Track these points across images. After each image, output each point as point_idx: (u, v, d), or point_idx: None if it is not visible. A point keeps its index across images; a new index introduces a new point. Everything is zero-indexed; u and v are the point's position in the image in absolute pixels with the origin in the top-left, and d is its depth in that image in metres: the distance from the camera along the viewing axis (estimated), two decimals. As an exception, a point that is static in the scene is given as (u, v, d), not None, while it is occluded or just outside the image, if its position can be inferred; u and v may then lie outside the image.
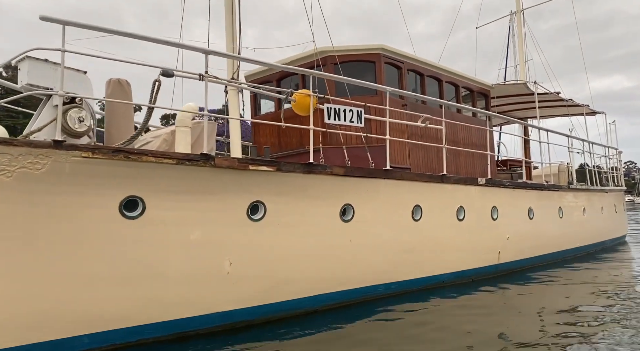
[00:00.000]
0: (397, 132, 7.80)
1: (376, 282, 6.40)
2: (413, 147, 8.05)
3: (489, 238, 8.13)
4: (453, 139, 9.06)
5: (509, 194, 8.67)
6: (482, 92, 10.30)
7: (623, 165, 17.56)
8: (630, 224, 21.45)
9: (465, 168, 9.19)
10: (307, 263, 5.62)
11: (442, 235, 7.28)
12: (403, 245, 6.70)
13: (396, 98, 7.92)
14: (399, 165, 7.71)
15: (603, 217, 12.73)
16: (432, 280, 7.16)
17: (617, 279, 8.12)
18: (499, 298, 7.05)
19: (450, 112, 9.11)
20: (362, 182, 6.17)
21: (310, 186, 5.62)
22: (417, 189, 6.93)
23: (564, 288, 7.79)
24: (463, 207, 7.65)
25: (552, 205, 10.02)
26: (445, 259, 7.35)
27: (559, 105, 12.78)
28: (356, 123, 5.99)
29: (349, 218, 6.03)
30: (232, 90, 6.87)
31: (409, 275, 6.81)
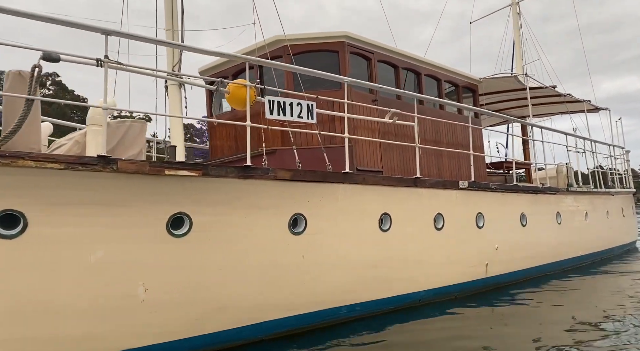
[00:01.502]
0: (367, 130, 6.94)
1: (337, 304, 5.51)
2: (387, 148, 7.17)
3: (474, 249, 7.21)
4: (435, 139, 8.17)
5: (497, 199, 7.75)
6: (469, 87, 9.41)
7: (639, 167, 16.41)
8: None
9: (450, 170, 8.29)
10: (247, 286, 4.76)
11: (417, 247, 6.39)
12: (369, 259, 5.81)
13: (364, 92, 7.07)
14: (369, 168, 6.84)
15: (609, 222, 11.72)
16: (405, 299, 6.25)
17: (622, 293, 7.17)
18: (485, 318, 6.13)
19: (430, 108, 8.24)
20: (315, 188, 5.30)
21: (250, 193, 4.77)
22: (385, 195, 6.05)
23: (561, 304, 6.85)
24: (442, 214, 6.74)
25: (549, 210, 9.07)
26: (421, 275, 6.44)
27: (556, 102, 11.83)
28: (306, 119, 5.13)
29: (300, 231, 5.16)
30: (173, 84, 6.06)
31: (377, 294, 5.91)
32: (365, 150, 6.84)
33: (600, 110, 13.16)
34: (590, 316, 6.07)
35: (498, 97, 11.80)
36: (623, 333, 5.15)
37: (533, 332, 5.38)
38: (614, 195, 12.42)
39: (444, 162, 8.23)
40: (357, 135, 6.64)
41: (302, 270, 5.16)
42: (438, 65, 8.53)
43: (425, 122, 7.97)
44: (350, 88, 6.73)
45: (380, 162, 7.05)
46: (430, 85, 8.57)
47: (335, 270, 5.46)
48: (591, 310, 6.32)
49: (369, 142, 6.89)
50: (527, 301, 7.06)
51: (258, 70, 6.90)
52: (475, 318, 6.22)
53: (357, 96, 6.82)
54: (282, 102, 4.93)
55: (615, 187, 13.33)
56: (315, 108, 5.22)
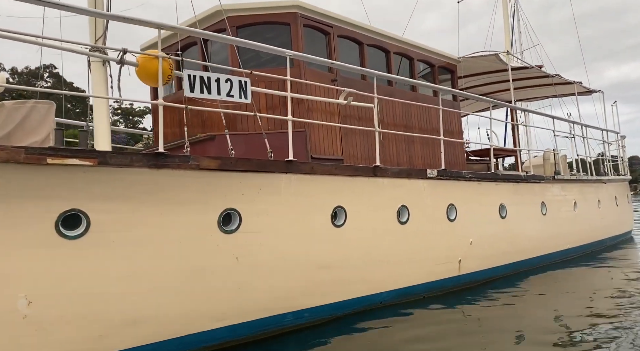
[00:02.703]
0: (325, 114, 6.22)
1: (280, 311, 4.85)
2: (348, 133, 6.45)
3: (444, 245, 6.55)
4: (405, 124, 7.45)
5: (472, 189, 7.06)
6: (446, 68, 8.66)
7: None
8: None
9: (423, 159, 7.58)
10: (165, 295, 4.09)
11: (377, 244, 5.71)
12: (319, 259, 5.14)
13: (322, 71, 6.33)
14: (327, 156, 6.14)
15: (600, 211, 11.04)
16: (363, 301, 5.59)
17: (609, 289, 6.53)
18: (455, 320, 5.51)
19: (401, 90, 7.50)
20: (252, 179, 4.60)
21: (165, 186, 4.07)
22: (339, 186, 5.35)
23: (543, 302, 6.21)
24: (407, 206, 6.06)
25: (533, 200, 8.39)
26: (382, 274, 5.77)
27: (544, 84, 11.06)
28: (237, 98, 4.42)
29: (233, 229, 4.48)
30: (96, 61, 5.32)
31: (330, 297, 5.25)
32: (322, 136, 6.13)
33: (593, 92, 12.39)
34: (575, 314, 5.46)
35: (483, 80, 11.03)
36: (611, 335, 4.55)
37: (509, 335, 4.79)
38: (606, 183, 11.74)
39: (416, 149, 7.52)
40: (312, 118, 5.92)
41: (236, 274, 4.49)
42: (410, 42, 7.77)
43: (395, 105, 7.25)
44: (303, 65, 6.01)
45: (340, 150, 6.34)
46: (402, 65, 7.82)
47: (277, 272, 4.79)
48: (576, 308, 5.70)
49: (327, 127, 6.18)
50: (505, 299, 6.41)
51: (201, 46, 6.16)
52: (444, 320, 5.58)
53: (313, 75, 6.08)
54: (207, 78, 4.21)
55: (608, 174, 12.65)
56: (249, 86, 4.50)
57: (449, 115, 8.34)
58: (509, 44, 13.87)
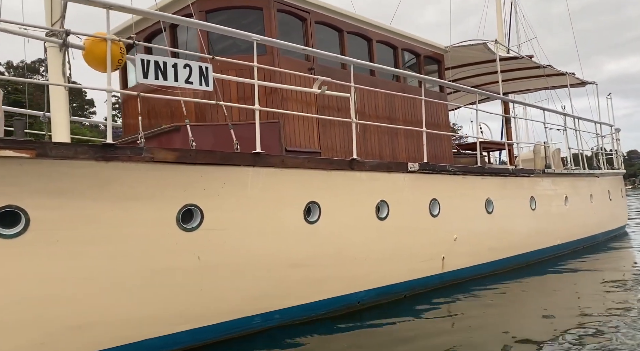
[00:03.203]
0: (301, 104, 5.91)
1: (247, 313, 4.56)
2: (326, 125, 6.15)
3: (427, 241, 6.27)
4: (389, 116, 7.15)
5: (456, 183, 6.78)
6: (432, 57, 8.34)
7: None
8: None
9: (407, 152, 7.28)
10: (116, 298, 3.79)
11: (354, 241, 5.43)
12: (291, 258, 4.85)
13: (298, 59, 6.01)
14: (303, 149, 5.84)
15: (593, 206, 10.79)
16: (340, 301, 5.31)
17: (601, 285, 6.28)
18: (438, 320, 5.28)
19: (384, 80, 7.19)
20: (215, 172, 4.30)
21: (116, 180, 3.77)
22: (313, 180, 5.06)
23: (531, 300, 5.97)
24: (386, 201, 5.77)
25: (522, 194, 8.12)
26: (360, 272, 5.49)
27: (535, 75, 10.76)
28: (197, 85, 4.11)
29: (194, 226, 4.18)
30: (53, 46, 4.99)
31: (302, 298, 4.96)
32: (298, 128, 5.82)
33: (586, 84, 12.09)
34: (564, 313, 5.22)
35: (473, 71, 10.71)
36: (599, 335, 4.32)
37: (494, 334, 4.57)
38: (599, 177, 11.48)
39: (400, 142, 7.22)
40: (286, 109, 5.61)
41: (197, 274, 4.20)
42: (394, 30, 7.44)
43: (378, 96, 6.94)
44: (277, 52, 5.69)
45: (317, 142, 6.04)
46: (383, 53, 7.50)
47: (244, 272, 4.50)
48: (565, 307, 5.48)
49: (303, 119, 5.87)
50: (491, 297, 6.18)
51: (169, 33, 5.82)
52: (426, 319, 5.33)
53: (288, 63, 5.76)
54: (162, 63, 3.89)
55: (601, 168, 12.40)
56: (210, 73, 4.18)
57: (436, 107, 8.05)
58: (501, 34, 13.55)
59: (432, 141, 7.79)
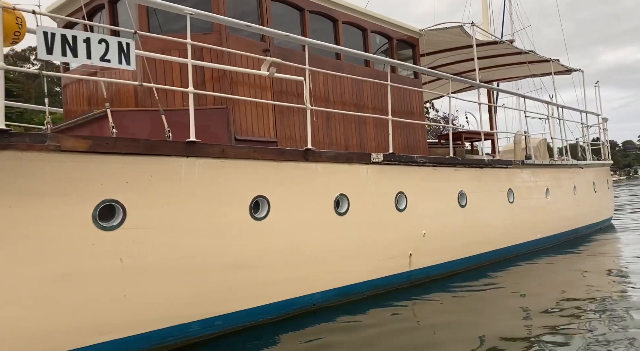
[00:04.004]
0: (254, 89, 5.41)
1: (183, 320, 4.11)
2: (285, 112, 5.66)
3: (392, 237, 5.84)
4: (356, 103, 6.67)
5: (426, 175, 6.34)
6: (407, 41, 7.85)
7: (638, 139, 14.90)
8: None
9: (377, 142, 6.82)
10: (20, 308, 3.33)
11: (309, 238, 4.98)
12: (235, 258, 4.39)
13: (251, 39, 5.50)
14: (256, 138, 5.35)
15: (576, 198, 10.42)
16: (293, 304, 4.88)
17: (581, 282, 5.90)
18: (404, 322, 4.89)
19: (352, 65, 6.70)
20: (139, 164, 3.81)
21: (15, 173, 3.28)
22: (261, 172, 4.59)
23: (506, 299, 5.60)
24: (346, 195, 5.33)
25: (499, 187, 7.70)
26: (315, 272, 5.06)
27: (517, 62, 10.29)
28: (116, 63, 3.60)
29: (114, 224, 3.70)
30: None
31: (249, 301, 4.52)
32: (250, 115, 5.33)
33: (572, 71, 11.63)
34: (541, 313, 4.87)
35: (454, 58, 10.23)
36: (576, 336, 4.01)
37: (464, 337, 4.20)
38: (583, 168, 11.11)
39: (369, 131, 6.75)
40: (237, 93, 5.13)
41: (120, 278, 3.74)
42: (363, 11, 6.93)
43: (344, 81, 6.46)
44: (225, 31, 5.18)
45: (274, 131, 5.56)
46: (354, 37, 7.00)
47: (178, 275, 4.04)
48: (542, 305, 5.10)
49: (257, 105, 5.38)
50: (463, 296, 5.81)
51: (108, 9, 5.28)
52: (389, 321, 4.95)
53: (239, 43, 5.25)
54: (71, 37, 3.37)
55: (586, 158, 12.03)
56: (132, 50, 3.68)
57: (409, 95, 7.58)
58: (486, 19, 13.05)
59: (404, 130, 7.35)
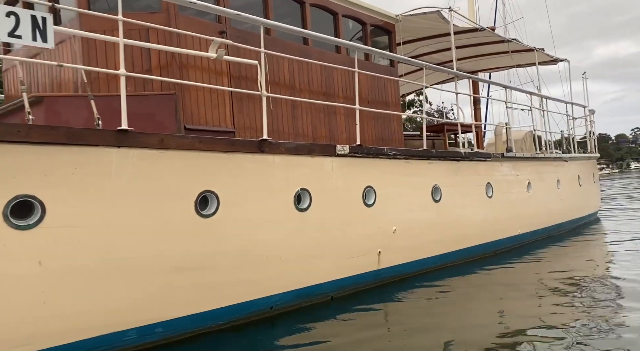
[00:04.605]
0: (210, 74, 4.99)
1: (116, 328, 3.71)
2: (244, 100, 5.25)
3: (359, 234, 5.48)
4: (325, 91, 6.27)
5: (397, 168, 5.98)
6: (382, 27, 7.45)
7: (631, 133, 14.60)
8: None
9: (348, 133, 6.43)
10: None
11: (266, 237, 4.59)
12: (179, 258, 4.00)
13: (205, 20, 5.06)
14: (210, 128, 4.94)
15: (560, 192, 10.14)
16: (246, 308, 4.50)
17: (561, 280, 5.60)
18: (372, 324, 4.59)
19: (321, 51, 6.29)
20: (60, 155, 3.38)
21: None
22: (209, 165, 4.18)
23: (481, 298, 5.29)
24: (308, 190, 4.94)
25: (476, 181, 7.37)
26: (274, 273, 4.68)
27: (500, 52, 9.92)
28: (30, 41, 3.17)
29: (31, 223, 3.29)
30: None
31: (195, 306, 4.13)
32: (204, 103, 4.91)
33: (557, 61, 11.28)
34: (518, 312, 4.62)
35: (435, 46, 9.83)
36: (552, 332, 3.84)
37: (437, 339, 3.94)
38: (567, 161, 10.83)
39: (340, 122, 6.36)
40: (187, 78, 4.70)
41: (38, 283, 3.33)
42: (333, -7, 6.52)
43: (312, 68, 6.06)
44: (174, 11, 4.74)
45: (231, 120, 5.14)
46: (325, 21, 6.59)
47: (108, 278, 3.65)
48: (519, 305, 4.86)
49: (212, 91, 4.96)
50: (436, 296, 5.52)
51: None
52: (356, 323, 4.62)
53: (190, 24, 4.81)
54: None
55: (571, 151, 11.75)
56: (50, 26, 3.24)
57: (384, 84, 7.20)
58: (472, 8, 12.65)
59: (378, 122, 6.97)
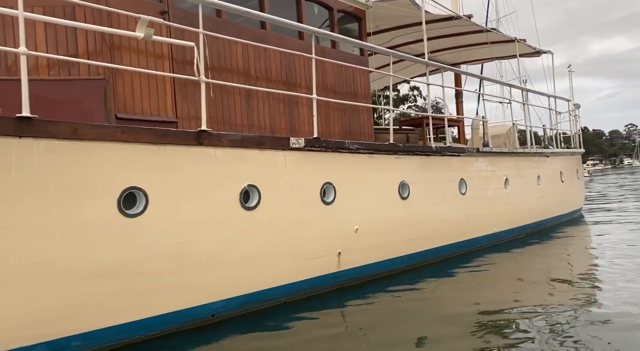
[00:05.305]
0: (148, 57, 4.53)
1: (25, 341, 3.27)
2: (189, 87, 4.80)
3: (316, 234, 5.07)
4: (285, 80, 5.83)
5: (360, 164, 5.57)
6: (351, 14, 7.01)
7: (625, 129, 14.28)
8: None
9: (311, 125, 6.00)
10: None
11: (206, 237, 4.16)
12: (99, 263, 3.56)
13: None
14: (149, 118, 4.49)
15: (540, 189, 9.82)
16: (183, 317, 4.07)
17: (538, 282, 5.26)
18: (328, 331, 4.21)
19: (278, 36, 5.85)
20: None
21: None
22: (135, 158, 3.74)
23: (451, 300, 4.94)
24: (256, 186, 4.53)
25: (448, 177, 6.99)
26: (216, 277, 4.25)
27: (480, 43, 9.54)
28: None
29: None
30: None
31: (120, 316, 3.69)
32: (140, 89, 4.45)
33: (541, 53, 10.93)
34: (488, 316, 4.26)
35: (413, 35, 9.43)
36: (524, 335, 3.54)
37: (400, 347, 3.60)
38: (549, 156, 10.52)
39: (302, 113, 5.93)
40: (120, 62, 4.24)
41: None
42: (295, -26, 6.06)
43: (270, 55, 5.62)
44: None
45: (173, 109, 4.70)
46: (287, 5, 6.14)
47: (12, 286, 3.21)
48: (491, 308, 4.48)
49: (150, 77, 4.49)
50: (401, 299, 5.15)
51: None
52: (310, 330, 4.27)
53: (124, 2, 4.34)
54: None
55: (553, 146, 11.44)
56: None
57: (353, 74, 6.78)
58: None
59: (345, 114, 6.56)
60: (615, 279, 5.30)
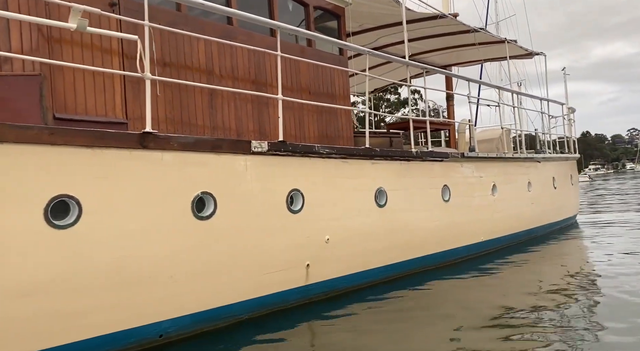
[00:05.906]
0: (95, 52, 4.16)
1: None
2: (142, 85, 4.44)
3: (282, 245, 4.69)
4: (254, 79, 5.47)
5: (332, 169, 5.20)
6: (329, 11, 6.65)
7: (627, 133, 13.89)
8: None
9: (285, 128, 5.63)
10: None
11: (149, 250, 3.77)
12: (22, 280, 3.18)
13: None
14: (94, 118, 4.10)
15: (531, 196, 9.46)
16: (124, 339, 3.67)
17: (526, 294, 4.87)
18: None
19: (246, 32, 5.48)
20: None
21: None
22: (66, 163, 3.36)
23: (433, 317, 4.52)
24: (211, 194, 4.14)
25: (430, 183, 6.61)
26: (163, 294, 3.85)
27: (468, 44, 9.19)
28: None
29: None
30: None
31: (46, 339, 3.30)
32: (84, 87, 4.07)
33: (533, 55, 10.59)
34: (470, 335, 3.85)
35: (399, 36, 9.10)
36: None
37: None
38: (540, 161, 10.16)
39: (272, 115, 5.55)
40: (62, 58, 3.87)
41: None
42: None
43: (237, 52, 5.25)
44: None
45: (122, 109, 4.32)
46: (258, 0, 5.78)
47: None
48: (473, 324, 4.06)
49: (96, 74, 4.12)
50: (375, 312, 4.75)
51: None
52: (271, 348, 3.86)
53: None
54: None
55: (545, 151, 11.08)
56: None
57: (330, 74, 6.42)
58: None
59: (322, 116, 6.19)
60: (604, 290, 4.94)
